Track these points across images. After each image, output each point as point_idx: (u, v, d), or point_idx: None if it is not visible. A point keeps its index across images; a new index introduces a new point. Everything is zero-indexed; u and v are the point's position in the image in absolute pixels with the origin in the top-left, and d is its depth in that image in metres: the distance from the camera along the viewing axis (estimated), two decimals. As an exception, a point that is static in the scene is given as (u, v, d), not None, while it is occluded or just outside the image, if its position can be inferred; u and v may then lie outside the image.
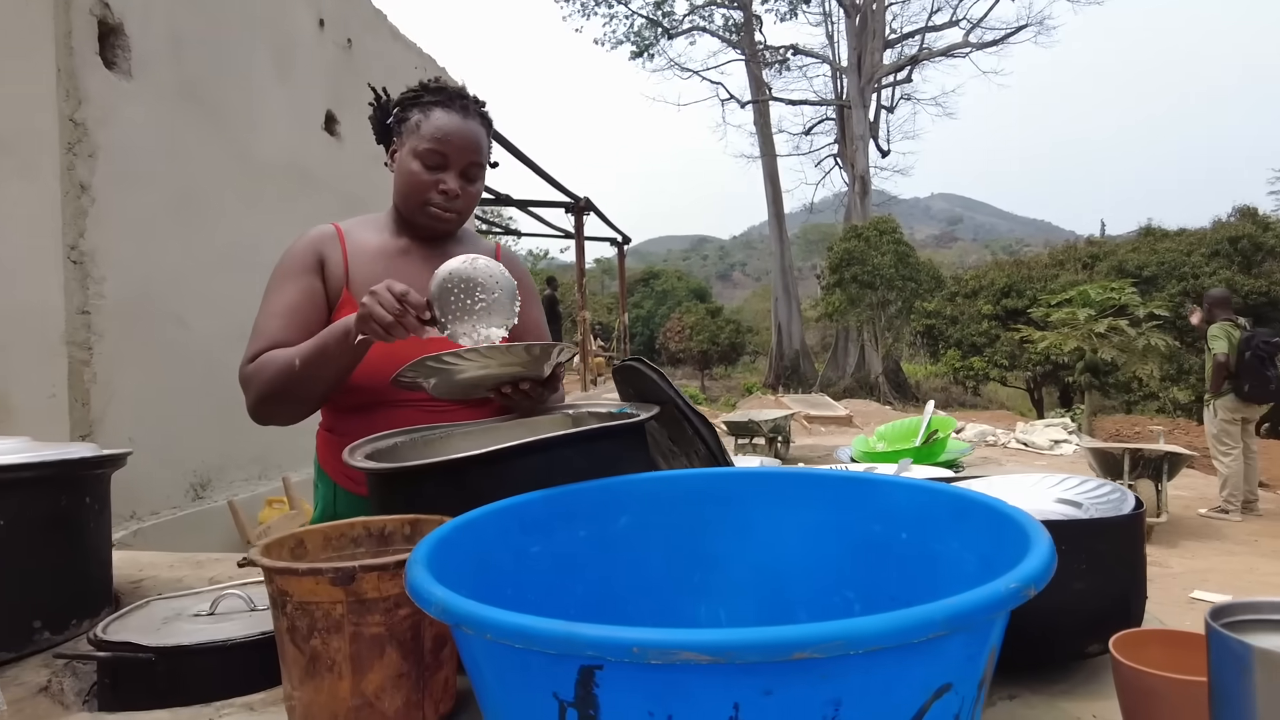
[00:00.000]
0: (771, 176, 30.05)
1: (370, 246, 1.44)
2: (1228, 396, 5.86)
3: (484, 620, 0.50)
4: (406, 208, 1.42)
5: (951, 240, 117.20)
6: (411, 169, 1.37)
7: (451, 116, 1.37)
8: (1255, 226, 20.47)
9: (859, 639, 0.47)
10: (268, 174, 3.49)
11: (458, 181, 1.38)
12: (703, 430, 1.04)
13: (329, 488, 1.45)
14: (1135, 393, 17.96)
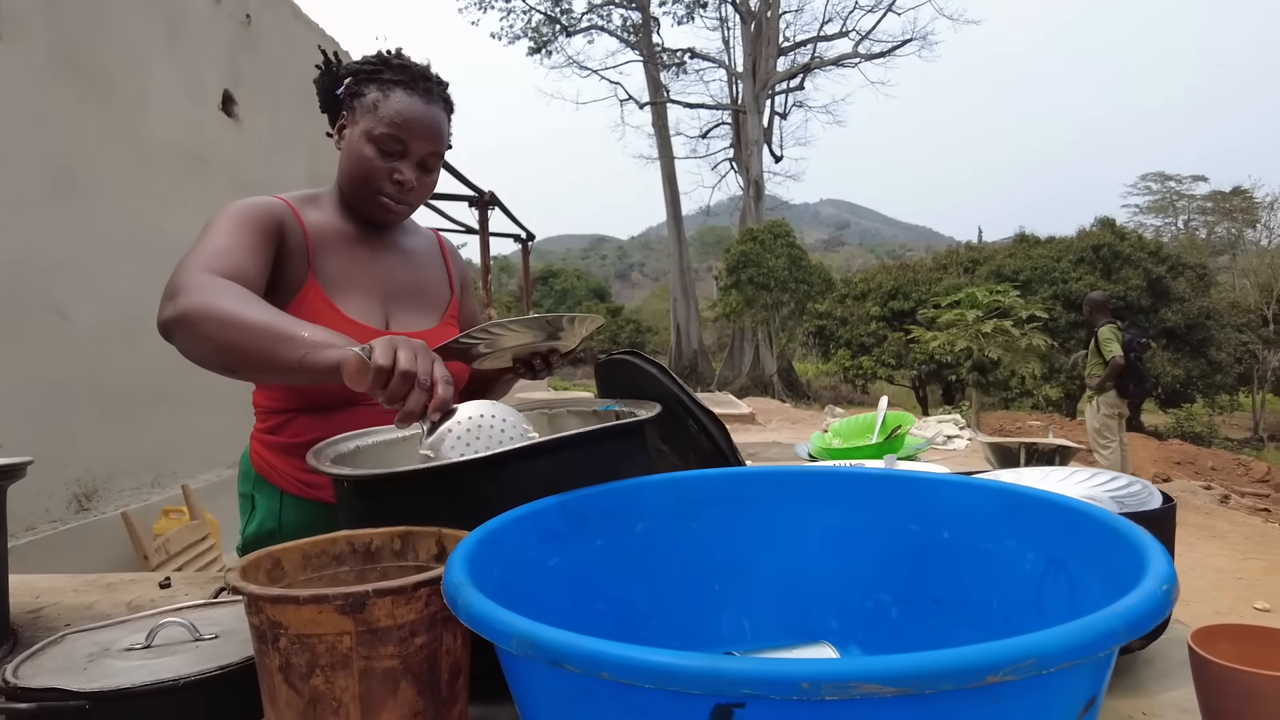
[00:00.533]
0: (670, 178, 30.34)
1: (324, 229, 1.30)
2: (1110, 393, 6.25)
3: (604, 658, 0.41)
4: (354, 194, 1.28)
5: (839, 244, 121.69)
6: (364, 153, 1.23)
7: (414, 100, 1.23)
8: (1114, 236, 22.15)
9: (1052, 655, 0.41)
10: (159, 154, 3.19)
11: (414, 172, 1.26)
12: (711, 427, 0.96)
13: (272, 497, 1.29)
14: (1013, 390, 19.07)
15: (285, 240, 1.23)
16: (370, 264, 1.32)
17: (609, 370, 1.15)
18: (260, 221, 1.19)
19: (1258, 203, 33.25)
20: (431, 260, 1.44)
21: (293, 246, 1.24)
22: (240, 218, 1.18)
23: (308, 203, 1.32)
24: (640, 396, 1.09)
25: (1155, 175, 40.06)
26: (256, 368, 0.98)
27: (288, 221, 1.24)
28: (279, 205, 1.25)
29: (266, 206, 1.23)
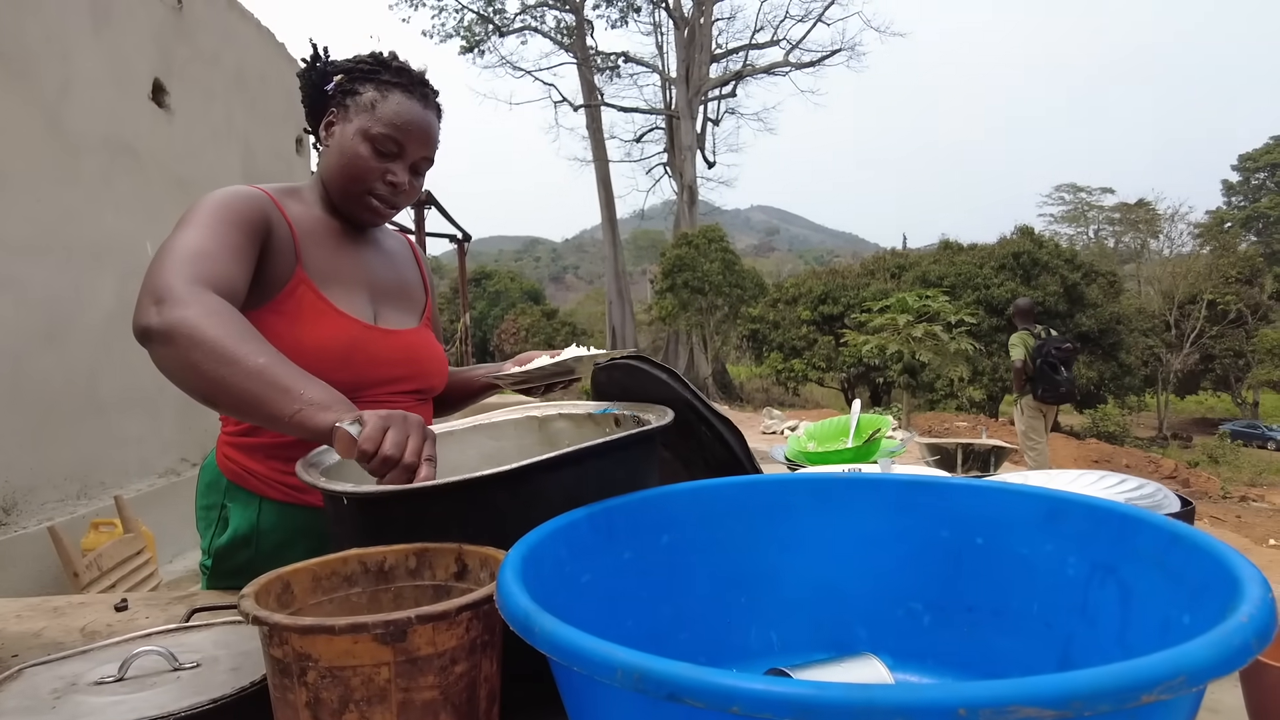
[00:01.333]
0: (604, 181, 30.33)
1: (307, 223, 1.23)
2: (1029, 396, 6.47)
3: (735, 692, 0.38)
4: (342, 192, 1.24)
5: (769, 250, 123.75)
6: (359, 152, 1.19)
7: (413, 104, 1.22)
8: (1033, 244, 23.07)
9: (1200, 671, 0.39)
10: (84, 146, 3.00)
11: (406, 175, 1.23)
12: (727, 434, 0.93)
13: (249, 503, 1.21)
14: (939, 392, 19.69)
15: (271, 234, 1.16)
16: (356, 260, 1.27)
17: (609, 375, 1.11)
18: (245, 216, 1.12)
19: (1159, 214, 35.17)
20: (407, 262, 1.42)
21: (278, 239, 1.17)
22: (223, 212, 1.10)
23: (287, 196, 1.26)
24: (644, 400, 1.05)
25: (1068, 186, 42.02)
26: (240, 409, 0.92)
27: (272, 215, 1.18)
28: (261, 197, 1.18)
29: (251, 199, 1.15)
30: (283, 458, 1.19)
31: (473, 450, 1.14)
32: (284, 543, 1.20)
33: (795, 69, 32.24)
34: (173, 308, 0.92)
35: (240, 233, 1.10)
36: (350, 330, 1.19)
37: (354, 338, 1.18)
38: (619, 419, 1.07)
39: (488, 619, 0.63)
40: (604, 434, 1.09)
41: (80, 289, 2.96)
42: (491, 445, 1.15)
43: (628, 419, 1.04)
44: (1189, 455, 18.09)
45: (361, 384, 1.19)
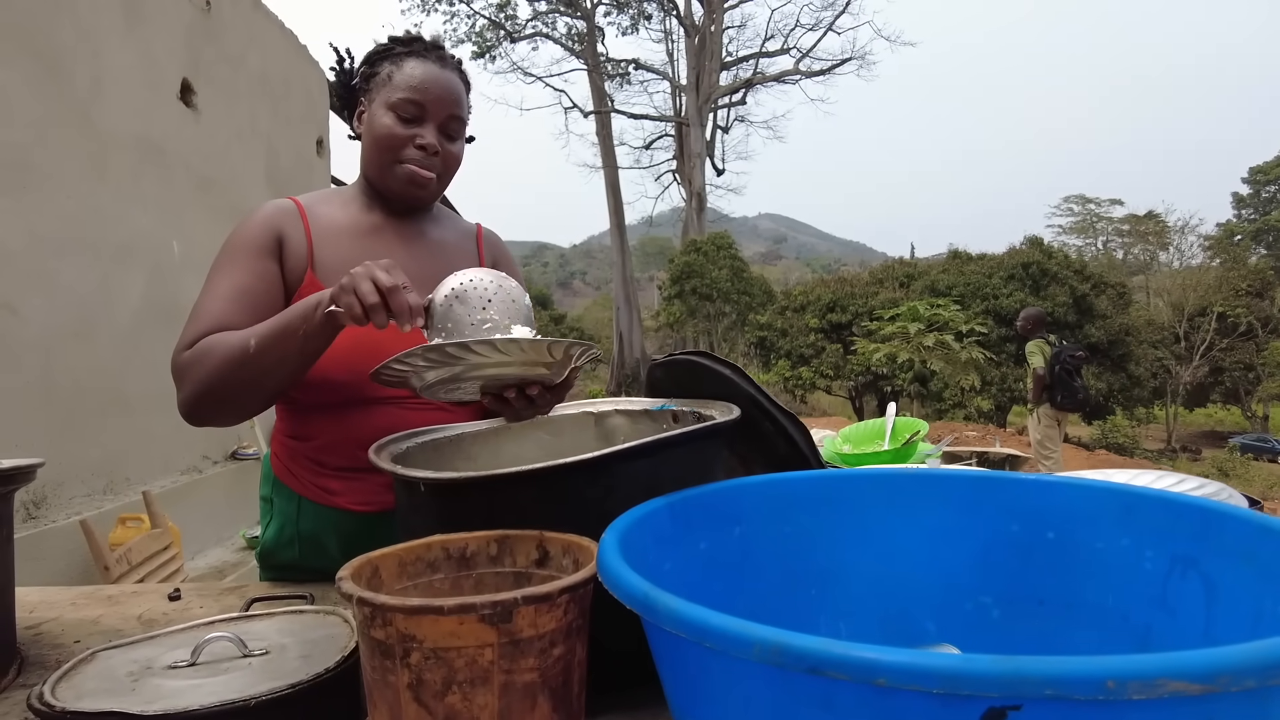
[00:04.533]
0: (613, 187, 30.38)
1: (337, 223, 1.24)
2: (1045, 405, 6.46)
3: (882, 665, 0.38)
4: (379, 169, 1.22)
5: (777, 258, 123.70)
6: (384, 122, 1.18)
7: (428, 65, 1.21)
8: (1041, 254, 23.03)
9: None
10: (114, 144, 3.02)
11: (436, 136, 1.21)
12: (792, 429, 0.94)
13: (290, 502, 1.22)
14: (947, 400, 19.64)
15: (285, 247, 1.19)
16: (385, 254, 1.24)
17: (666, 371, 1.12)
18: (255, 242, 1.17)
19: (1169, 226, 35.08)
20: (462, 250, 1.35)
21: (291, 248, 1.20)
22: (233, 249, 1.17)
23: (326, 200, 1.27)
24: (704, 397, 1.06)
25: (1076, 198, 41.93)
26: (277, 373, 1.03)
27: (288, 226, 1.20)
28: (279, 211, 1.22)
29: (266, 220, 1.20)
30: (316, 459, 1.21)
31: (530, 445, 1.14)
32: (319, 539, 1.21)
33: (805, 77, 32.28)
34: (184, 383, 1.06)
35: (252, 256, 1.16)
36: (353, 329, 1.09)
37: (356, 337, 1.10)
38: (677, 415, 1.07)
39: (581, 603, 0.64)
40: (661, 430, 1.10)
41: (109, 286, 2.98)
42: (549, 440, 1.15)
43: (686, 415, 1.05)
44: (1199, 468, 17.99)
45: (369, 387, 1.12)
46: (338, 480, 1.18)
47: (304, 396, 1.19)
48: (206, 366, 1.03)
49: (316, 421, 1.19)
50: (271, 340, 1.00)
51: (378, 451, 0.92)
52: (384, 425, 1.16)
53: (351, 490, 1.17)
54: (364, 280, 0.90)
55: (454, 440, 1.08)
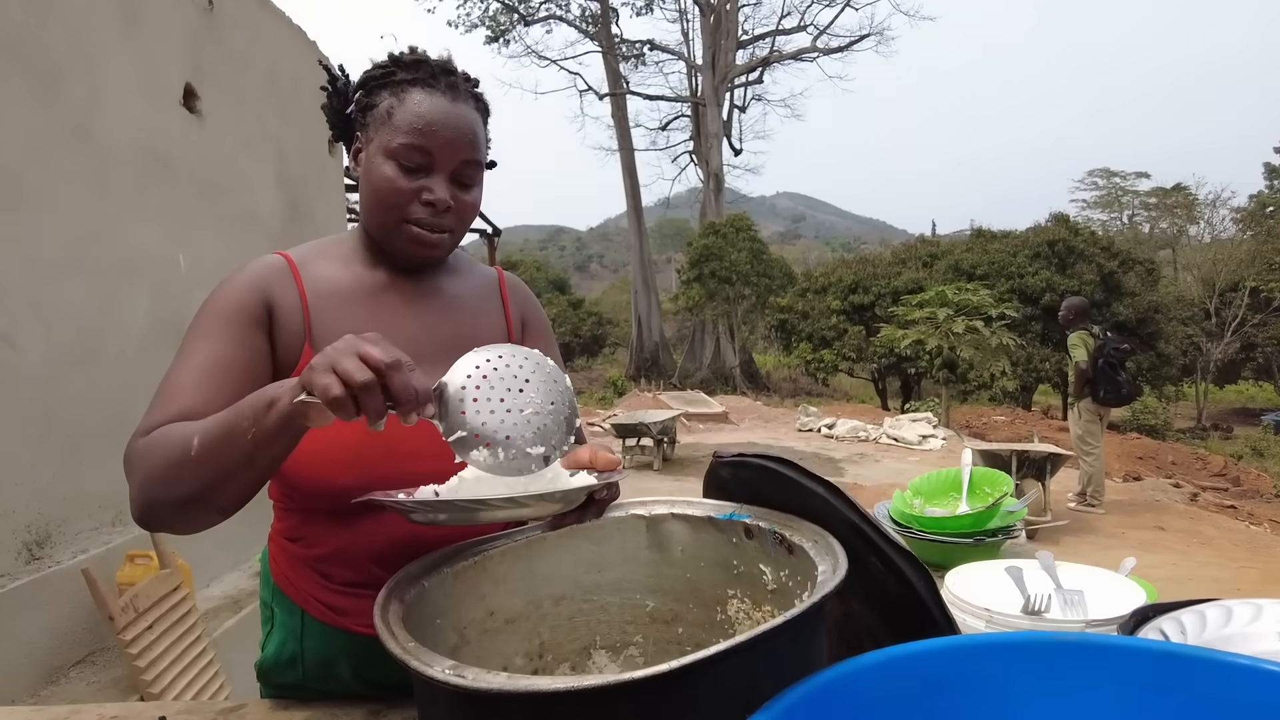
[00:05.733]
0: (630, 170, 30.08)
1: (336, 284, 1.05)
2: (1087, 399, 6.20)
3: None
4: (379, 228, 1.03)
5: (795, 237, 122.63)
6: (384, 174, 0.98)
7: (435, 99, 0.99)
8: (1068, 231, 22.52)
9: None
10: (114, 157, 2.86)
11: (447, 188, 1.00)
12: (906, 568, 0.75)
13: (292, 615, 1.05)
14: (971, 383, 19.31)
15: (275, 316, 1.00)
16: (396, 320, 1.05)
17: (735, 472, 0.94)
18: (238, 307, 0.98)
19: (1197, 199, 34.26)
20: (484, 306, 1.16)
21: (283, 318, 1.00)
22: (211, 315, 0.98)
23: (323, 252, 1.08)
24: (781, 508, 0.88)
25: (1101, 171, 41.07)
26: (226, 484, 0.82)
27: (278, 290, 1.01)
28: (268, 271, 1.02)
29: (252, 282, 1.00)
30: (320, 570, 1.03)
31: (568, 558, 0.97)
32: (328, 662, 1.03)
33: (823, 54, 31.72)
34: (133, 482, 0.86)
35: (235, 324, 0.97)
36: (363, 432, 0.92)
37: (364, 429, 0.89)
38: (752, 530, 0.89)
39: None
40: (731, 544, 0.92)
41: (111, 308, 2.83)
42: (591, 551, 0.98)
43: (765, 534, 0.87)
44: (1231, 448, 17.60)
45: (381, 485, 0.92)
46: (345, 597, 1.01)
47: (302, 502, 1.01)
48: (148, 466, 0.84)
49: (318, 526, 1.02)
50: (214, 443, 0.79)
51: (384, 609, 0.74)
52: (400, 536, 0.99)
53: (363, 609, 0.99)
54: (347, 356, 0.70)
55: (480, 562, 0.91)
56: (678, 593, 0.98)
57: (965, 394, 20.20)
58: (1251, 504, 8.35)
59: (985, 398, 20.74)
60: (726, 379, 26.82)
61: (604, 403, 19.88)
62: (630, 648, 1.00)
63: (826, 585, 0.67)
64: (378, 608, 0.74)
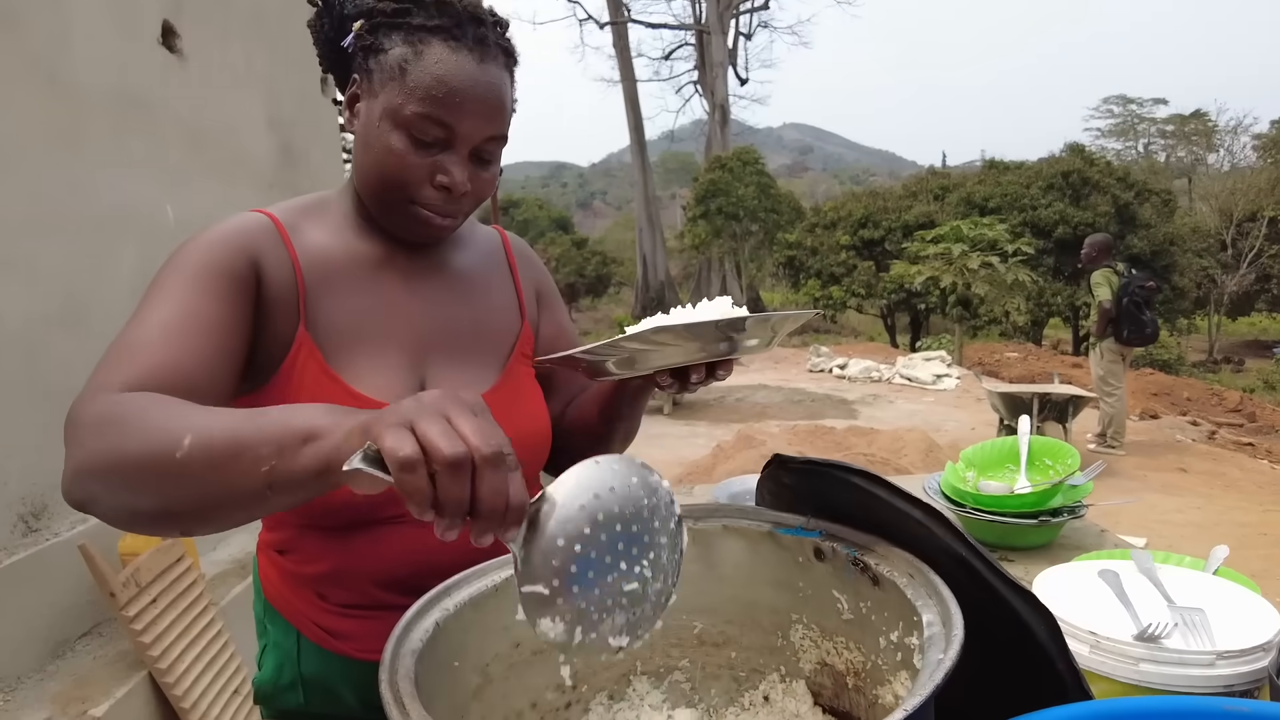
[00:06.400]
0: (632, 102, 29.32)
1: (330, 256, 0.89)
2: (1110, 339, 6.03)
3: None
4: (379, 203, 0.87)
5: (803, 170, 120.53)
6: (390, 145, 0.82)
7: (461, 58, 0.81)
8: (1083, 161, 21.96)
9: None
10: (89, 103, 2.66)
11: (465, 168, 0.84)
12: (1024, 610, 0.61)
13: (287, 636, 0.92)
14: (981, 318, 19.10)
15: (264, 287, 0.83)
16: (398, 300, 0.91)
17: (797, 478, 0.79)
18: (226, 266, 0.81)
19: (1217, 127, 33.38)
20: (493, 278, 1.02)
21: (274, 291, 0.84)
22: (193, 266, 0.80)
23: (309, 215, 0.91)
24: (857, 526, 0.74)
25: (1117, 98, 39.94)
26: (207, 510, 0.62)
27: (268, 254, 0.84)
28: (255, 231, 0.85)
29: (241, 240, 0.83)
30: (314, 588, 0.89)
31: (605, 576, 0.83)
32: (329, 687, 0.91)
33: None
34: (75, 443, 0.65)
35: (219, 280, 0.79)
36: None
37: None
38: (823, 551, 0.75)
39: None
40: (796, 563, 0.79)
41: (96, 266, 2.67)
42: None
43: (841, 557, 0.73)
44: (1243, 381, 17.46)
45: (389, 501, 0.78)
46: (344, 620, 0.88)
47: (296, 515, 0.88)
48: (107, 445, 0.63)
49: (313, 541, 0.88)
50: (214, 456, 0.59)
51: (392, 671, 0.61)
52: (403, 553, 0.86)
53: (363, 633, 0.87)
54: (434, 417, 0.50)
55: (501, 587, 0.77)
56: (729, 614, 0.85)
57: (975, 329, 20.01)
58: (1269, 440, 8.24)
59: (996, 333, 20.54)
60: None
61: (610, 343, 19.68)
62: (675, 673, 0.87)
63: (942, 644, 0.53)
64: (384, 670, 0.61)
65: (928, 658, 0.54)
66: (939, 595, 0.61)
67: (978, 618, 0.63)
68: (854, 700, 0.76)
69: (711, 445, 5.85)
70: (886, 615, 0.69)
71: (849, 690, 0.76)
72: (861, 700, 0.75)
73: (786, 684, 0.83)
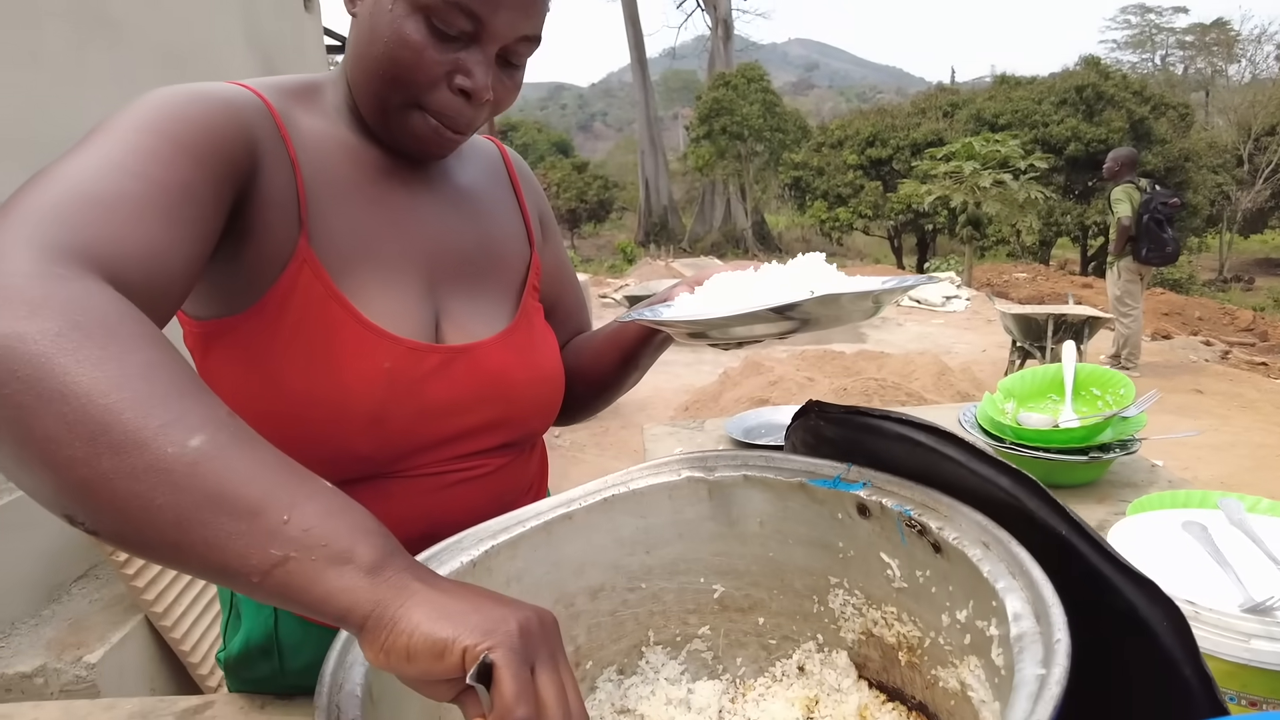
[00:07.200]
0: (632, 18, 28.29)
1: (328, 158, 0.73)
2: (1128, 258, 5.84)
3: None
4: (379, 103, 0.71)
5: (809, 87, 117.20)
6: (404, 34, 0.66)
7: None
8: (1098, 75, 21.22)
9: None
10: (46, 16, 2.46)
11: (490, 71, 0.69)
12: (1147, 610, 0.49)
13: (259, 607, 0.82)
14: (989, 238, 18.77)
15: (261, 181, 0.67)
16: (405, 216, 0.76)
17: (839, 428, 0.67)
18: (211, 137, 0.61)
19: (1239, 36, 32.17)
20: (499, 200, 0.88)
21: (273, 194, 0.68)
22: (171, 124, 0.59)
23: (300, 101, 0.74)
24: (905, 475, 0.62)
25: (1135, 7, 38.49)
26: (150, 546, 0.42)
27: (265, 145, 0.67)
28: (249, 111, 0.67)
29: (227, 115, 0.64)
30: None
31: (604, 538, 0.72)
32: (315, 659, 0.81)
33: (840, -121, 28.99)
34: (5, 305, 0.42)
35: (197, 165, 0.59)
36: (387, 359, 0.70)
37: (392, 375, 0.70)
38: (868, 507, 0.63)
39: None
40: (835, 520, 0.67)
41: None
42: (635, 526, 0.73)
43: (891, 517, 0.61)
44: (1253, 299, 17.26)
45: (403, 451, 0.72)
46: None
47: None
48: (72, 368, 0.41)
49: None
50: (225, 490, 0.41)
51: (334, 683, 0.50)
52: (412, 511, 0.75)
53: None
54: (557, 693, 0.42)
55: (483, 560, 0.65)
56: (755, 576, 0.75)
57: (983, 250, 19.71)
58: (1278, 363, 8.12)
59: (1003, 254, 20.23)
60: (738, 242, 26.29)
61: (615, 271, 19.48)
62: (694, 641, 0.77)
63: (1039, 651, 0.41)
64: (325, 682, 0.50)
65: (1021, 670, 0.42)
66: (1027, 578, 0.49)
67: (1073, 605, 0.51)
68: (907, 677, 0.66)
69: (718, 372, 5.74)
70: (951, 590, 0.58)
71: (900, 666, 0.66)
72: (918, 679, 0.64)
73: (825, 654, 0.73)
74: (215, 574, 0.42)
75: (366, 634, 0.42)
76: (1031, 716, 0.38)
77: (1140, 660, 0.49)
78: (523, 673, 0.41)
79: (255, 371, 0.68)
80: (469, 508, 0.72)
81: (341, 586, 0.42)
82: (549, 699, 0.41)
